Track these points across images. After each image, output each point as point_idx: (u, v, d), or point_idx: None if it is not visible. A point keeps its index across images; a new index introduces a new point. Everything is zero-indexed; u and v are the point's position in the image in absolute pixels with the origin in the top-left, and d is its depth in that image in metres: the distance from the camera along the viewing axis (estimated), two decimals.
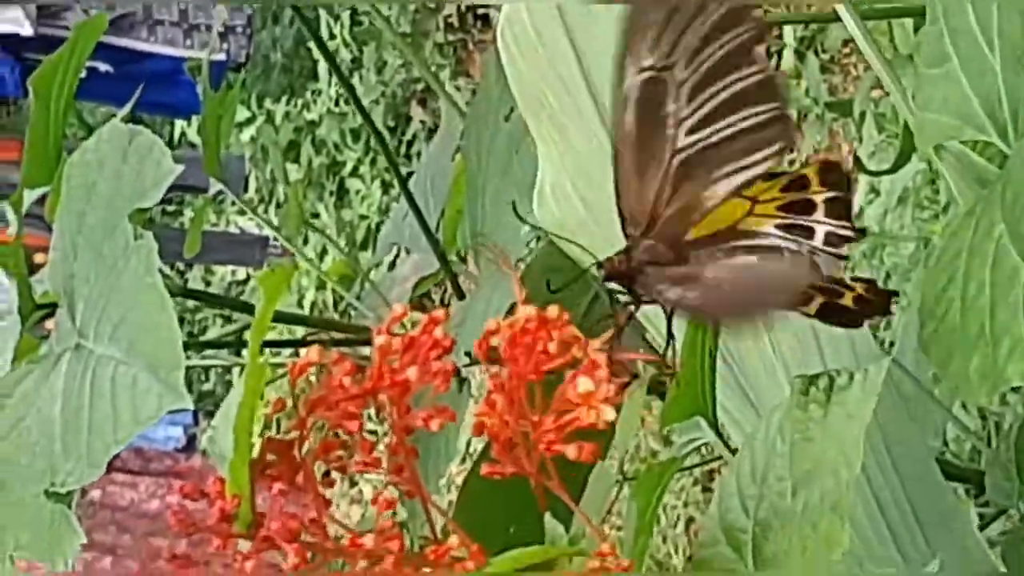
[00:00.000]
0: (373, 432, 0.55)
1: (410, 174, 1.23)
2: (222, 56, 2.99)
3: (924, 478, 0.68)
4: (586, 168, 0.76)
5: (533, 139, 0.78)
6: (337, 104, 3.89)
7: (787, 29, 2.60)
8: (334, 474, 0.53)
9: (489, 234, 0.91)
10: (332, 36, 3.84)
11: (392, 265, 1.23)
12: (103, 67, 2.84)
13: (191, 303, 3.07)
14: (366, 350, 0.99)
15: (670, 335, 0.60)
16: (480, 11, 3.55)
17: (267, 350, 1.21)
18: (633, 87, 0.56)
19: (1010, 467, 0.65)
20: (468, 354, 0.77)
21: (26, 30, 2.81)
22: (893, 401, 0.69)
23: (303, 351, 0.52)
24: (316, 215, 3.76)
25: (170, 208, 4.24)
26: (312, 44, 3.63)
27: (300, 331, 1.28)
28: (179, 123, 4.14)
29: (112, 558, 3.27)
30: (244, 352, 1.12)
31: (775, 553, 0.51)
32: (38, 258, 0.82)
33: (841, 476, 0.50)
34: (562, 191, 0.77)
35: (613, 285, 0.59)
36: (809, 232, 0.57)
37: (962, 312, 0.51)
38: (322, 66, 3.90)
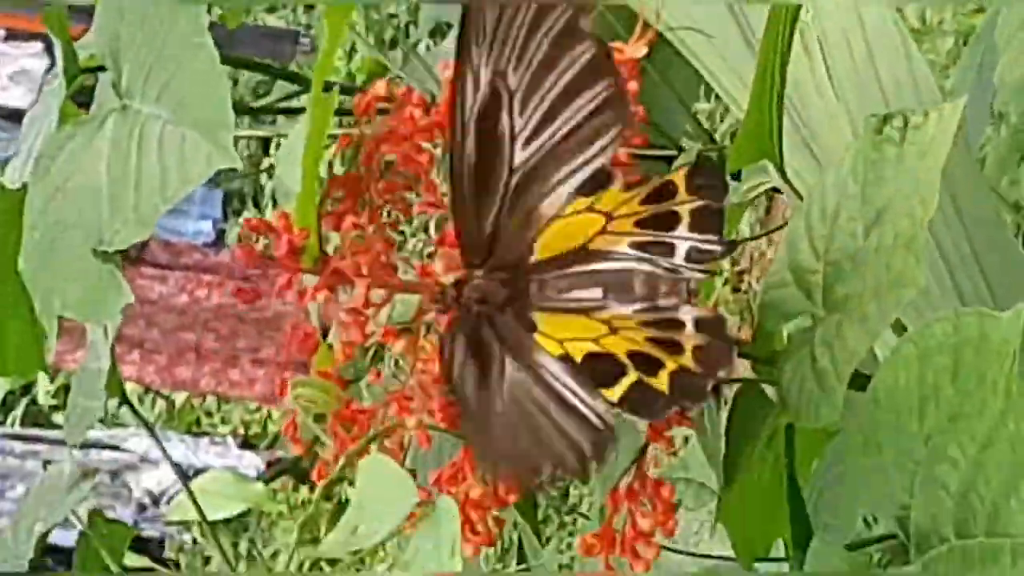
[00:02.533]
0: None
1: None
2: None
3: (988, 226, 0.67)
4: None
5: None
6: None
7: None
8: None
9: None
10: None
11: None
12: None
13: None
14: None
15: None
16: None
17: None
18: (471, 110, 0.50)
19: None
20: None
21: None
22: (958, 145, 0.67)
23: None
24: None
25: None
26: None
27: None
28: None
29: (140, 351, 3.29)
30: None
31: (846, 295, 0.50)
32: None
33: (916, 215, 0.49)
34: None
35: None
36: (669, 249, 0.51)
37: None
38: None
